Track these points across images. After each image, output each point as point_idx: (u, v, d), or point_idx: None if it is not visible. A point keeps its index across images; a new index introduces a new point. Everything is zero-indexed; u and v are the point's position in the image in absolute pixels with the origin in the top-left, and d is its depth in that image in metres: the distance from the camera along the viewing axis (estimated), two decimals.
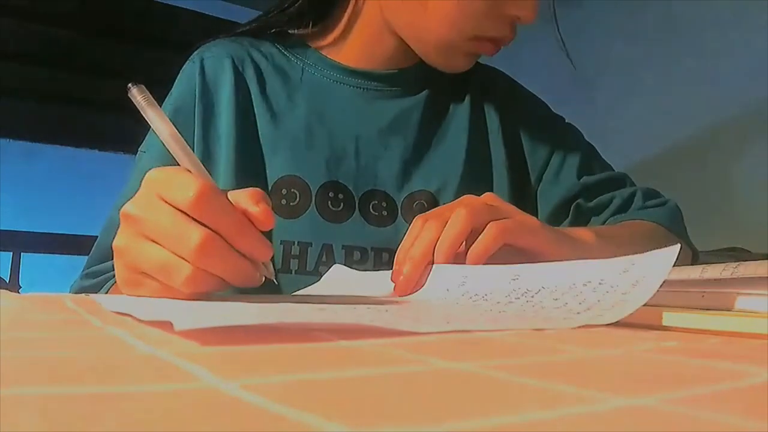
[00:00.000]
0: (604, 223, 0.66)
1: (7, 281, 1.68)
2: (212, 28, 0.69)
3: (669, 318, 0.27)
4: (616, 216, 0.66)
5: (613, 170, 0.72)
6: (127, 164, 0.66)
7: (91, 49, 2.29)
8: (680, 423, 0.12)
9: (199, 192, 0.33)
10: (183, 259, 0.33)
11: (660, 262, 0.29)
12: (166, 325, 0.22)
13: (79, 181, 2.33)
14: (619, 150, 0.71)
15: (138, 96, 0.36)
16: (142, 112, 0.37)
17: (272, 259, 0.39)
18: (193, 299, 0.35)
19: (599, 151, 0.73)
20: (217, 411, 0.12)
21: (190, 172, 0.36)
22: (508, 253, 0.42)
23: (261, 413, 0.12)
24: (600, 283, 0.31)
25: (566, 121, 0.74)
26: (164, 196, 0.34)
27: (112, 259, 0.57)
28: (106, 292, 0.54)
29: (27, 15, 2.20)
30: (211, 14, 2.38)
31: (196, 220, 0.34)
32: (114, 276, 0.56)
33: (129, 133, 0.63)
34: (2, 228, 1.76)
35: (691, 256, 0.66)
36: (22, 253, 1.71)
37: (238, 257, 0.35)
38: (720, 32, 1.65)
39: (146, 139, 0.63)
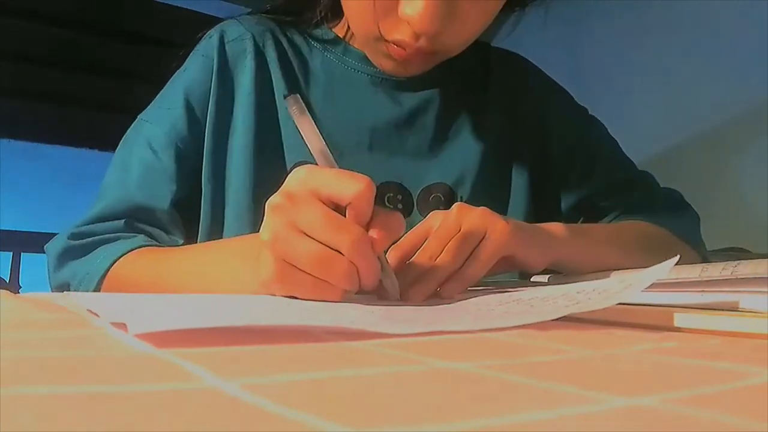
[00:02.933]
0: (612, 222, 0.65)
1: (7, 281, 1.68)
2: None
3: (680, 319, 0.27)
4: (624, 216, 0.65)
5: (635, 168, 0.70)
6: None
7: (91, 49, 2.29)
8: (680, 423, 0.12)
9: (367, 187, 0.34)
10: (338, 253, 0.34)
11: (653, 274, 0.29)
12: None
13: (79, 181, 2.33)
14: None
15: (293, 106, 0.38)
16: (294, 120, 0.38)
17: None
18: (340, 300, 0.35)
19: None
20: (217, 411, 0.12)
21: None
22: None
23: (261, 413, 0.12)
24: (593, 290, 0.31)
25: (589, 113, 0.72)
26: (322, 191, 0.35)
27: (102, 221, 0.55)
28: (115, 258, 0.52)
29: (27, 15, 2.20)
30: (211, 14, 2.37)
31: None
32: (116, 237, 0.54)
33: None
34: (2, 228, 1.76)
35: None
36: (22, 253, 1.71)
37: (375, 256, 0.36)
38: (720, 32, 1.65)
39: (151, 108, 0.62)
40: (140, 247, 0.53)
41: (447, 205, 0.61)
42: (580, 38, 2.07)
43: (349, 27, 0.64)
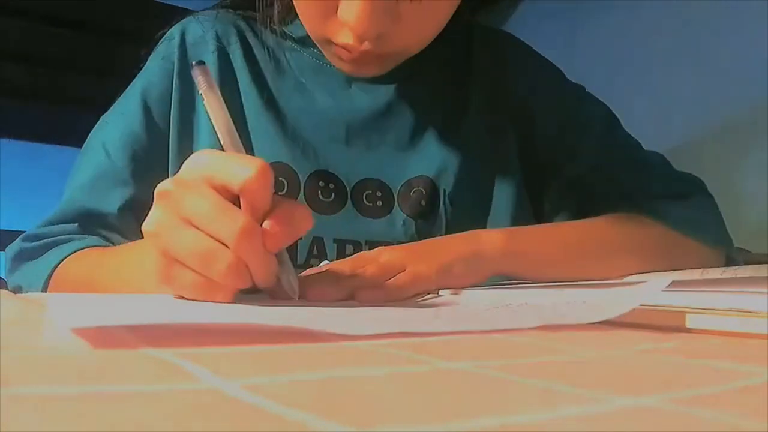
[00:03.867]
0: (607, 209, 0.58)
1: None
2: None
3: (680, 319, 0.27)
4: (619, 203, 0.58)
5: (639, 148, 0.64)
6: None
7: (91, 49, 2.29)
8: (680, 423, 0.12)
9: (260, 169, 0.31)
10: (224, 247, 0.31)
11: (643, 294, 0.29)
12: (165, 325, 0.22)
13: None
14: None
15: (200, 76, 0.34)
16: (201, 93, 0.35)
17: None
18: (229, 301, 0.32)
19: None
20: (218, 411, 0.12)
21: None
22: None
23: (261, 413, 0.12)
24: (584, 302, 0.31)
25: (586, 91, 0.66)
26: (211, 176, 0.32)
27: (58, 223, 0.54)
28: (60, 259, 0.51)
29: (27, 15, 2.20)
30: None
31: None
32: (67, 239, 0.53)
33: None
34: (2, 228, 1.76)
35: (724, 260, 0.58)
36: None
37: (270, 254, 0.32)
38: (720, 32, 1.65)
39: (111, 110, 0.60)
40: (88, 247, 0.52)
41: (429, 200, 0.58)
42: (577, 38, 2.07)
43: None
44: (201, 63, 0.35)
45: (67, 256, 0.51)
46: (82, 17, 2.26)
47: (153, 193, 0.56)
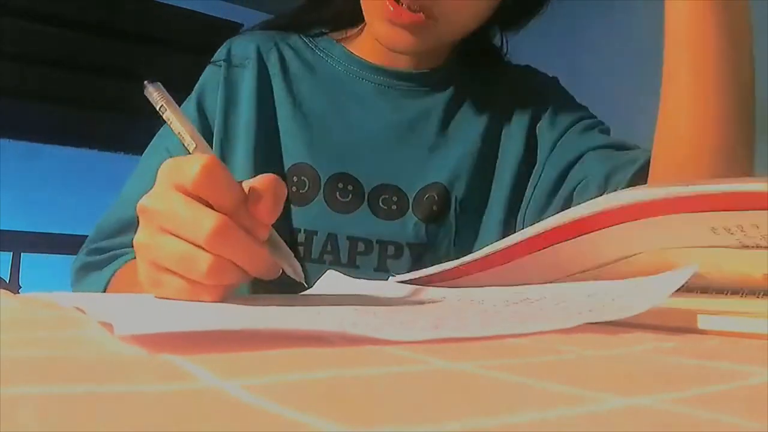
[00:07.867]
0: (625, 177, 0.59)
1: (7, 281, 1.68)
2: (212, 28, 0.69)
3: (681, 319, 0.27)
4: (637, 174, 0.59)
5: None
6: (127, 164, 0.66)
7: (91, 49, 2.29)
8: (680, 423, 0.12)
9: (203, 166, 0.32)
10: (201, 248, 0.32)
11: (670, 284, 0.28)
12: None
13: (79, 181, 2.33)
14: None
15: (155, 94, 0.35)
16: (158, 111, 0.35)
17: (298, 259, 0.37)
18: (218, 300, 0.33)
19: None
20: (217, 411, 0.12)
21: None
22: None
23: (261, 413, 0.12)
24: (606, 294, 0.31)
25: (605, 127, 0.68)
26: (175, 181, 0.33)
27: (120, 235, 0.58)
28: (114, 271, 0.54)
29: (27, 15, 2.20)
30: (211, 14, 2.37)
31: (212, 207, 0.32)
32: (124, 252, 0.56)
33: (129, 133, 0.63)
34: (2, 228, 1.76)
35: None
36: (22, 253, 1.71)
37: (254, 242, 0.33)
38: None
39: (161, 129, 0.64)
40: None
41: (440, 205, 0.62)
42: (576, 39, 2.07)
43: (354, 36, 0.67)
44: (153, 81, 0.35)
45: (118, 270, 0.55)
46: (82, 17, 2.26)
47: None
